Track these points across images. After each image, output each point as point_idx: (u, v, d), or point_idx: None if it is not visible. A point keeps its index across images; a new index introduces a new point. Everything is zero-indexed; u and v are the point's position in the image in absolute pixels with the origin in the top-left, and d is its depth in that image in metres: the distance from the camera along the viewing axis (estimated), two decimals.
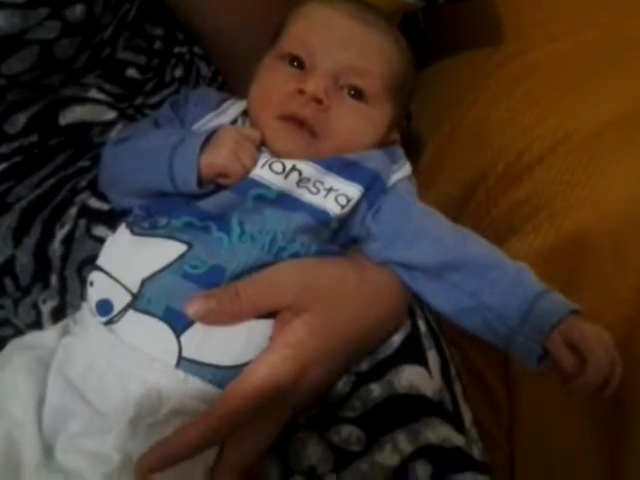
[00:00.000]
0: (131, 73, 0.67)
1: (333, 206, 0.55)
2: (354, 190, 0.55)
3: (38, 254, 0.60)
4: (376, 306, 0.56)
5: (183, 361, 0.51)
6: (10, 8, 0.53)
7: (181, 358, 0.51)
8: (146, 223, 0.54)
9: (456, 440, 0.54)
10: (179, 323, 0.51)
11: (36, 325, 0.59)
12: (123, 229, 0.55)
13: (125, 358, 0.51)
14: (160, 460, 0.48)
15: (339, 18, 0.58)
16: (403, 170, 0.59)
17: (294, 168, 0.55)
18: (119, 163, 0.58)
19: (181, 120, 0.60)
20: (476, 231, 0.57)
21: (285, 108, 0.56)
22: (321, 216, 0.54)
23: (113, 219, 0.58)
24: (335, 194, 0.55)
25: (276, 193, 0.54)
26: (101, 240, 0.57)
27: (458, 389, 0.58)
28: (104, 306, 0.53)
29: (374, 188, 0.56)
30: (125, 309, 0.52)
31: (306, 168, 0.55)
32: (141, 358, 0.51)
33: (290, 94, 0.56)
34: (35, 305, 0.59)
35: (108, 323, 0.52)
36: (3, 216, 0.61)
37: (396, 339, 0.57)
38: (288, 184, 0.54)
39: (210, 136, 0.54)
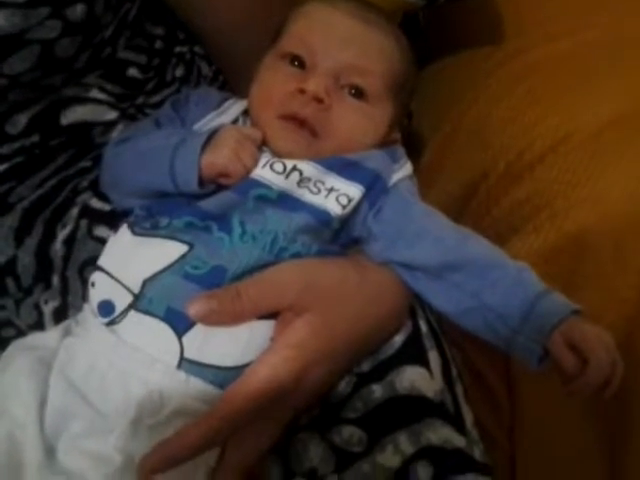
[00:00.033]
0: (132, 73, 0.67)
1: (334, 206, 0.55)
2: (355, 190, 0.55)
3: (40, 254, 0.60)
4: (377, 306, 0.56)
5: (185, 362, 0.51)
6: (11, 7, 0.53)
7: (183, 359, 0.51)
8: (147, 223, 0.54)
9: (457, 441, 0.54)
10: (180, 324, 0.51)
11: (38, 326, 0.59)
12: (124, 229, 0.55)
13: (127, 359, 0.51)
14: (162, 461, 0.48)
15: (340, 17, 0.58)
16: (404, 170, 0.59)
17: (295, 168, 0.55)
18: (120, 163, 0.58)
19: (182, 120, 0.60)
20: (477, 231, 0.57)
21: (286, 108, 0.56)
22: (322, 216, 0.54)
23: (114, 219, 0.58)
24: (336, 194, 0.55)
25: (277, 193, 0.54)
26: (102, 240, 0.57)
27: (459, 390, 0.58)
28: (106, 307, 0.52)
29: (375, 188, 0.56)
30: (127, 310, 0.52)
31: (307, 168, 0.55)
32: (143, 359, 0.51)
33: (291, 94, 0.56)
34: (37, 306, 0.59)
35: (110, 324, 0.52)
36: (5, 216, 0.61)
37: (397, 339, 0.56)
38: (289, 184, 0.54)
39: (211, 136, 0.54)
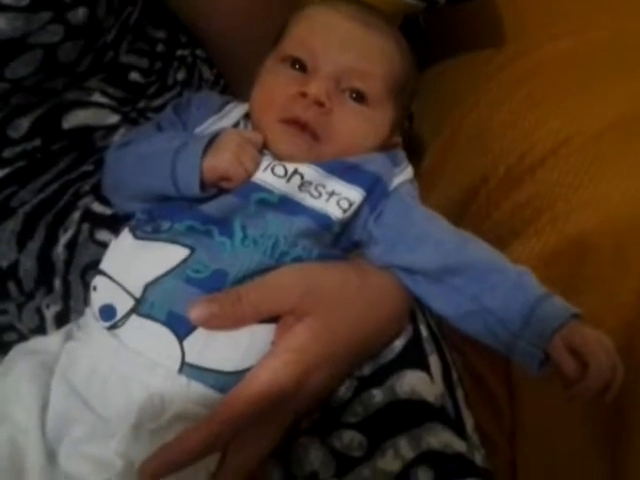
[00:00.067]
0: (134, 77, 0.67)
1: (335, 210, 0.55)
2: (356, 194, 0.55)
3: (42, 259, 0.60)
4: (378, 310, 0.56)
5: (186, 366, 0.51)
6: (13, 12, 0.53)
7: (184, 363, 0.51)
8: (149, 227, 0.54)
9: (458, 446, 0.54)
10: (182, 328, 0.51)
11: (40, 330, 0.59)
12: (126, 233, 0.55)
13: (128, 363, 0.51)
14: (162, 466, 0.48)
15: (340, 20, 0.58)
16: (405, 173, 0.59)
17: (296, 171, 0.55)
18: (122, 167, 0.58)
19: (184, 123, 0.60)
20: (478, 234, 0.57)
21: (287, 111, 0.56)
22: (323, 220, 0.54)
23: (116, 223, 0.58)
24: (337, 198, 0.55)
25: (278, 197, 0.54)
26: (104, 244, 0.57)
27: (460, 394, 0.58)
28: (107, 311, 0.53)
29: (376, 192, 0.56)
30: (128, 314, 0.52)
31: (308, 171, 0.55)
32: (144, 363, 0.51)
33: (292, 97, 0.56)
34: (39, 310, 0.59)
35: (111, 328, 0.52)
36: (7, 221, 0.61)
37: (398, 344, 0.56)
38: (290, 188, 0.54)
39: (213, 139, 0.54)
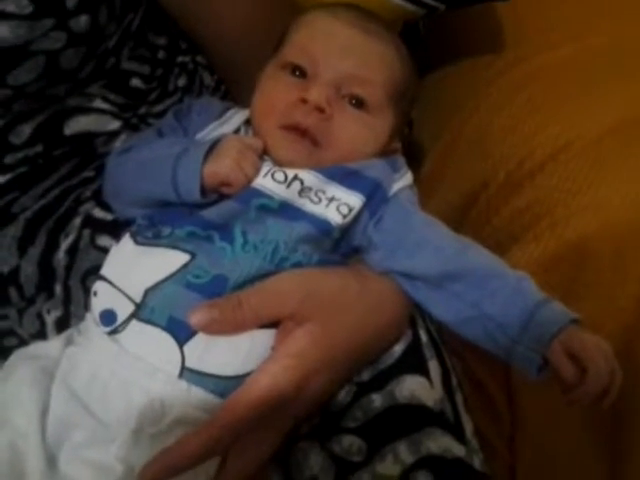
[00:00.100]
0: (135, 83, 0.67)
1: (335, 215, 0.55)
2: (356, 199, 0.56)
3: (43, 264, 0.60)
4: (377, 315, 0.56)
5: (186, 371, 0.51)
6: (16, 19, 0.53)
7: (184, 368, 0.51)
8: (149, 233, 0.55)
9: (457, 450, 0.54)
10: (182, 333, 0.51)
11: (40, 335, 0.59)
12: (127, 239, 0.55)
13: (129, 368, 0.51)
14: (162, 470, 0.48)
15: (340, 27, 0.59)
16: (404, 179, 0.59)
17: (296, 177, 0.55)
18: (123, 173, 0.59)
19: (184, 129, 0.61)
20: (477, 240, 0.57)
21: (287, 117, 0.56)
22: (323, 226, 0.55)
23: (117, 229, 0.59)
24: (337, 203, 0.55)
25: (278, 203, 0.54)
26: (105, 250, 0.58)
27: (459, 399, 0.58)
28: (108, 316, 0.53)
29: (375, 197, 0.57)
30: (129, 319, 0.52)
31: (308, 177, 0.55)
32: (144, 368, 0.51)
33: (292, 103, 0.56)
34: (39, 315, 0.59)
35: (112, 333, 0.53)
36: (8, 226, 0.61)
37: (397, 349, 0.57)
38: (290, 193, 0.55)
39: (213, 145, 0.55)
